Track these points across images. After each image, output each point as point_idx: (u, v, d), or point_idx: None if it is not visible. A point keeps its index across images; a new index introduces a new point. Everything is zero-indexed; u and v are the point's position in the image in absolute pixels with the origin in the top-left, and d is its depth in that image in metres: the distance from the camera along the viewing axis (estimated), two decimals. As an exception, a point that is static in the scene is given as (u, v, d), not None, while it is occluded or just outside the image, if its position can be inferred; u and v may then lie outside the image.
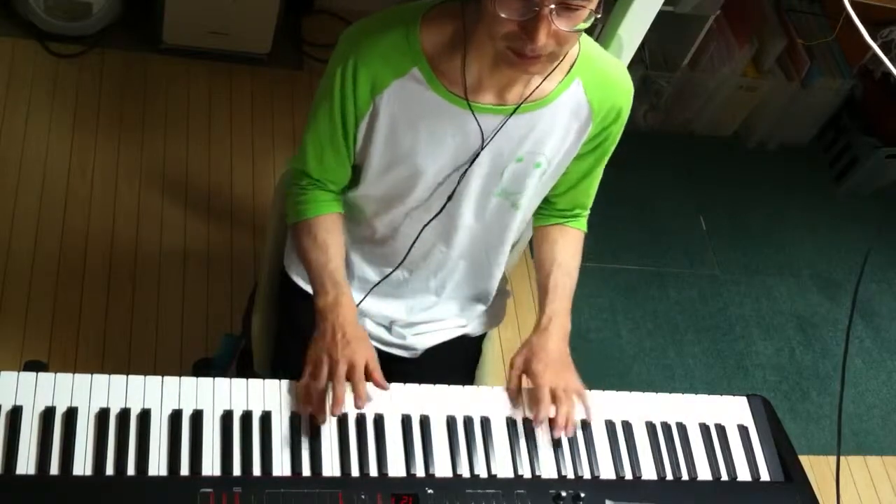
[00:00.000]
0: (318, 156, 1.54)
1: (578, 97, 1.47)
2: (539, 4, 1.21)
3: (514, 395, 1.51)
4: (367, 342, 1.48)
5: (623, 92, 1.51)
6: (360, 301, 1.71)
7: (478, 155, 1.47)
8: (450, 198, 1.54)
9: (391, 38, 1.41)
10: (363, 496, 1.33)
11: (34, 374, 1.35)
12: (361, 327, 1.50)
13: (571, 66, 1.44)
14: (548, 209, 1.69)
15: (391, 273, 1.69)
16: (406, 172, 1.50)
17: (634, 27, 1.96)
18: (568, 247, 1.68)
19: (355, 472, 1.38)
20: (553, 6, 1.21)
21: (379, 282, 1.70)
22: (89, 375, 1.36)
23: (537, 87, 1.42)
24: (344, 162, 1.55)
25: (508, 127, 1.45)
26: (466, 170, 1.49)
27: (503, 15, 1.23)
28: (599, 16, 1.26)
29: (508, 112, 1.44)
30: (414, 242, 1.62)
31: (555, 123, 1.47)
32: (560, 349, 1.55)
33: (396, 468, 1.40)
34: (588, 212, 1.73)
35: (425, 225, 1.59)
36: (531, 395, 1.51)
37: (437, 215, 1.57)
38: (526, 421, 1.49)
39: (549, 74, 1.41)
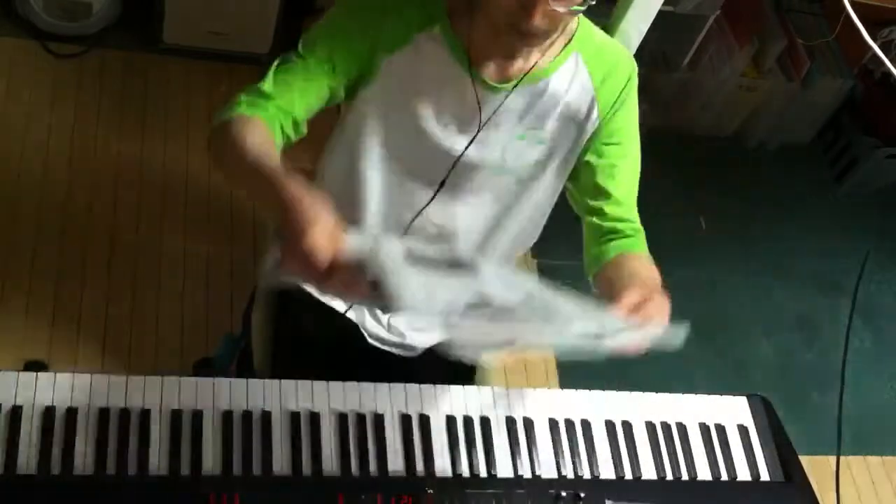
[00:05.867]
0: (287, 74, 1.40)
1: (578, 70, 1.48)
2: None
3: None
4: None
5: (624, 61, 1.53)
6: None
7: (478, 132, 1.48)
8: (443, 182, 1.54)
9: None
10: (363, 496, 1.33)
11: (34, 373, 1.35)
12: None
13: (569, 42, 1.46)
14: (596, 227, 1.63)
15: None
16: (408, 126, 1.49)
17: (634, 27, 1.97)
18: (642, 264, 1.62)
19: (355, 472, 1.37)
20: None
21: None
22: (89, 375, 1.36)
23: (535, 64, 1.44)
24: (311, 86, 1.42)
25: (508, 103, 1.46)
26: (468, 145, 1.49)
27: None
28: (594, 2, 1.28)
29: (508, 89, 1.45)
30: (412, 220, 1.60)
31: (556, 99, 1.48)
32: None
33: (396, 468, 1.40)
34: (637, 224, 1.69)
35: (424, 206, 1.58)
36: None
37: (437, 193, 1.56)
38: (526, 420, 1.50)
39: (547, 50, 1.43)
